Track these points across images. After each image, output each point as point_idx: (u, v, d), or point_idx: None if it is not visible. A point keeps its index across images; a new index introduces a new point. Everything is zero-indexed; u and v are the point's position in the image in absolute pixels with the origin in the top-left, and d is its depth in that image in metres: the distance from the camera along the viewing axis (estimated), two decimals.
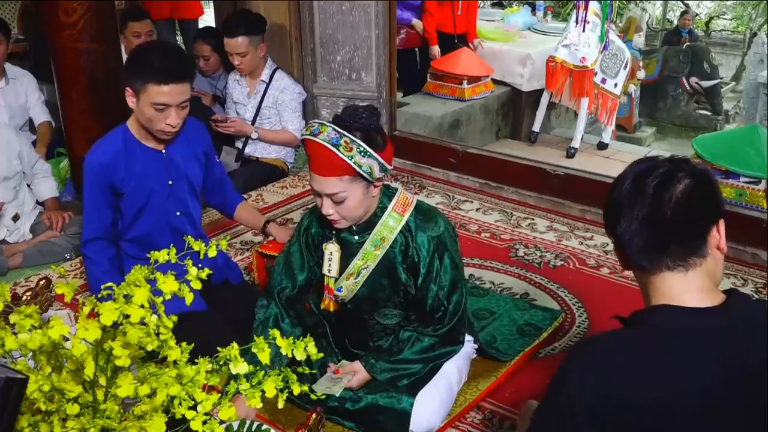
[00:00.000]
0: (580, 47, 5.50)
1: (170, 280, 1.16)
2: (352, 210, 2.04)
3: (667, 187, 1.27)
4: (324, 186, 1.99)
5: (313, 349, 1.23)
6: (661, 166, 1.30)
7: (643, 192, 1.27)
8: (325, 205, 2.03)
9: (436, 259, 2.11)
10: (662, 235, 1.27)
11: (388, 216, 2.12)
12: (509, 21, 6.75)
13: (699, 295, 1.27)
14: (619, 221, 1.30)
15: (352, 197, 2.01)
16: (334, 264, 2.18)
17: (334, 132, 1.94)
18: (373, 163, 1.96)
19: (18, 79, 4.03)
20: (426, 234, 2.10)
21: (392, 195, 2.16)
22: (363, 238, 2.15)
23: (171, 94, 2.29)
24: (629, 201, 1.29)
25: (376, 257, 2.14)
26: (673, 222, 1.26)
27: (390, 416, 2.12)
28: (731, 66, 10.06)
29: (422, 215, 2.14)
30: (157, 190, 2.48)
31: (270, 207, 3.82)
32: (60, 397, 1.16)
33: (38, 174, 3.48)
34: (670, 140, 8.17)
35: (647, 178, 1.28)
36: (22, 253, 3.23)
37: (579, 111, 5.81)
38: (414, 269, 2.13)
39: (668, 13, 10.98)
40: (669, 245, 1.27)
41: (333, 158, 1.93)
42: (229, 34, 3.84)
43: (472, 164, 4.15)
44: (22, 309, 1.17)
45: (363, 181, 1.99)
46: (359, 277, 2.17)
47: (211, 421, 1.16)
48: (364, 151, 1.94)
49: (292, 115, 4.07)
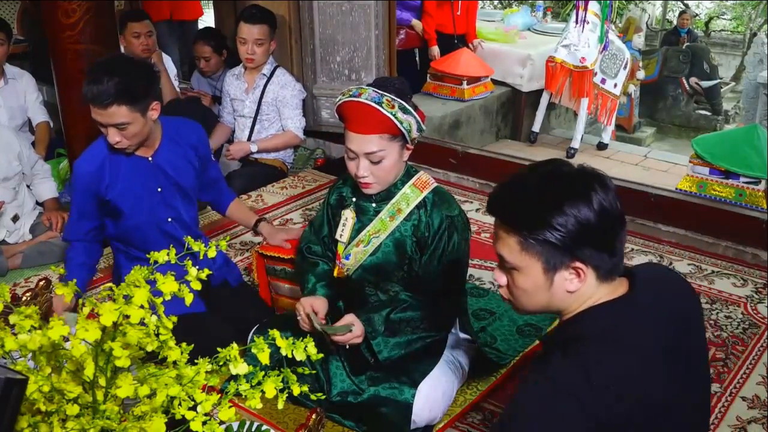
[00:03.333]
0: (580, 47, 5.50)
1: (170, 280, 1.16)
2: (387, 171, 2.11)
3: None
4: (364, 145, 2.06)
5: (313, 349, 1.23)
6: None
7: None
8: (361, 166, 2.09)
9: (445, 236, 2.16)
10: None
11: (408, 188, 2.19)
12: (509, 21, 6.75)
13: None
14: (619, 235, 1.34)
15: (389, 157, 2.08)
16: (346, 230, 2.24)
17: (374, 92, 2.05)
18: (412, 120, 2.06)
19: (17, 79, 4.03)
20: (441, 212, 2.16)
21: (414, 174, 2.23)
22: (380, 206, 2.21)
23: (101, 115, 2.28)
24: (622, 218, 1.35)
25: (389, 228, 2.19)
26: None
27: (392, 407, 2.13)
28: (731, 66, 10.05)
29: (440, 196, 2.21)
30: (145, 197, 2.47)
31: (269, 207, 3.82)
32: (60, 398, 1.16)
33: (38, 175, 3.48)
34: (669, 140, 8.16)
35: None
36: (22, 254, 3.23)
37: (579, 111, 5.81)
38: (423, 245, 2.18)
39: (668, 14, 10.98)
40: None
41: (376, 115, 2.02)
42: (251, 21, 3.83)
43: (472, 165, 4.15)
44: (21, 309, 1.17)
45: (400, 141, 2.08)
46: (369, 245, 2.21)
47: (211, 422, 1.16)
48: (405, 108, 2.05)
49: (293, 112, 4.06)
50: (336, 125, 4.48)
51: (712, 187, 3.68)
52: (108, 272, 3.08)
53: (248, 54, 3.89)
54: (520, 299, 1.41)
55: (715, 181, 3.69)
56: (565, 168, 1.38)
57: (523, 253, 1.34)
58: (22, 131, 4.00)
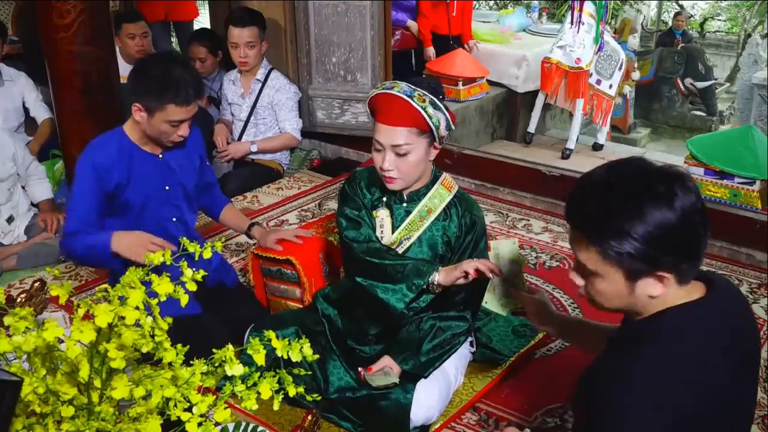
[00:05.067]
0: (575, 48, 5.50)
1: (165, 282, 1.16)
2: (411, 167, 2.13)
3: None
4: (392, 137, 2.08)
5: (309, 351, 1.23)
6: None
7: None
8: (387, 159, 2.11)
9: (471, 236, 2.21)
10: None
11: (438, 188, 2.23)
12: (504, 22, 6.76)
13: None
14: (702, 240, 1.34)
15: (415, 152, 2.10)
16: (386, 229, 2.25)
17: (407, 86, 2.09)
18: (441, 117, 2.09)
19: (13, 80, 4.01)
20: (470, 212, 2.22)
21: (439, 176, 2.28)
22: (411, 207, 2.23)
23: (188, 112, 2.34)
24: (706, 221, 1.34)
25: (420, 228, 2.21)
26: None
27: (390, 404, 2.14)
28: (726, 67, 10.09)
29: (464, 197, 2.28)
30: (153, 195, 2.47)
31: (265, 208, 3.81)
32: (55, 399, 1.15)
33: (33, 176, 3.48)
34: (664, 141, 8.18)
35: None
36: (17, 255, 3.22)
37: (574, 112, 5.81)
38: (453, 244, 2.22)
39: (663, 15, 11.01)
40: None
41: (407, 107, 2.05)
42: (240, 24, 3.84)
43: (468, 165, 4.16)
44: (16, 311, 1.17)
45: (427, 138, 2.10)
46: (400, 246, 2.22)
47: (207, 423, 1.16)
48: (435, 104, 2.09)
49: (289, 114, 4.07)
50: (332, 126, 4.49)
51: (707, 187, 3.69)
52: (104, 273, 3.08)
53: (241, 57, 3.90)
54: (598, 300, 1.41)
55: (710, 182, 3.69)
56: (645, 169, 1.34)
57: (604, 262, 1.32)
58: (18, 133, 3.99)
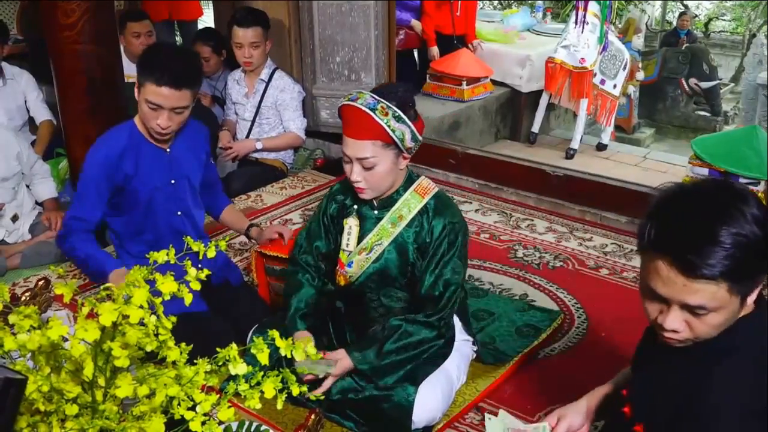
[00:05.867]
0: (580, 48, 5.50)
1: (169, 280, 1.16)
2: (379, 178, 2.11)
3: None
4: (357, 150, 2.07)
5: (312, 350, 1.23)
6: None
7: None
8: (354, 171, 2.10)
9: (445, 243, 2.16)
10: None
11: (409, 195, 2.20)
12: (508, 22, 6.75)
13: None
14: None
15: (382, 164, 2.09)
16: (352, 238, 2.24)
17: (371, 98, 2.06)
18: (405, 129, 2.06)
19: (16, 79, 4.02)
20: (442, 219, 2.17)
21: (415, 179, 2.24)
22: (382, 214, 2.21)
23: (165, 97, 2.30)
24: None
25: (391, 234, 2.19)
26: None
27: (392, 406, 2.13)
28: (730, 67, 10.05)
29: (441, 201, 2.21)
30: (160, 188, 2.49)
31: (269, 208, 3.82)
32: (59, 398, 1.16)
33: (37, 175, 3.48)
34: (669, 141, 8.16)
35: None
36: (21, 254, 3.23)
37: (578, 112, 5.81)
38: (424, 251, 2.18)
39: (667, 15, 10.98)
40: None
41: (369, 121, 2.03)
42: (244, 24, 3.84)
43: (472, 165, 4.15)
44: (21, 309, 1.17)
45: (394, 149, 2.09)
46: (371, 252, 2.21)
47: (210, 422, 1.16)
48: (399, 117, 2.05)
49: (294, 114, 4.07)
50: (335, 126, 4.48)
51: None
52: None
53: (245, 58, 3.90)
54: (705, 333, 1.33)
55: None
56: (719, 190, 1.31)
57: (729, 295, 1.26)
58: (22, 131, 4.00)
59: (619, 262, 3.25)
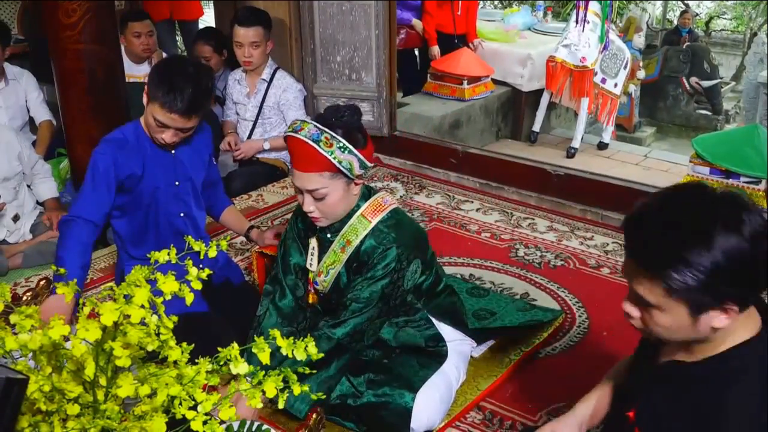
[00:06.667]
0: (580, 47, 5.50)
1: (170, 280, 1.16)
2: (332, 207, 2.07)
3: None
4: (305, 182, 2.03)
5: (313, 350, 1.23)
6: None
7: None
8: (306, 202, 2.06)
9: (380, 268, 2.09)
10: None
11: (356, 219, 2.13)
12: (509, 21, 6.75)
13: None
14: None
15: (333, 194, 2.04)
16: (314, 259, 2.23)
17: (315, 129, 1.99)
18: (352, 159, 2.00)
19: (17, 79, 4.03)
20: (381, 244, 2.09)
21: (367, 199, 2.16)
22: (334, 237, 2.18)
23: (173, 120, 2.31)
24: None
25: (342, 259, 2.16)
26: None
27: (391, 412, 2.13)
28: (731, 66, 10.05)
29: (392, 224, 2.12)
30: (163, 189, 2.49)
31: (270, 207, 3.82)
32: (60, 398, 1.16)
33: (38, 174, 3.48)
34: (670, 140, 8.16)
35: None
36: (23, 254, 3.24)
37: (579, 111, 5.81)
38: (360, 268, 2.14)
39: (668, 13, 10.97)
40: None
41: (313, 154, 1.97)
42: (245, 24, 3.83)
43: (473, 164, 4.15)
44: (22, 309, 1.17)
45: (343, 177, 2.03)
46: (328, 276, 2.21)
47: (212, 422, 1.16)
48: (344, 147, 1.98)
49: (297, 113, 4.06)
50: None
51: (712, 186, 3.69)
52: (109, 272, 3.08)
53: (246, 57, 3.90)
54: (656, 330, 1.35)
55: (716, 181, 3.68)
56: (707, 195, 1.29)
57: (667, 297, 1.26)
58: (23, 131, 4.00)
59: (620, 261, 3.25)
